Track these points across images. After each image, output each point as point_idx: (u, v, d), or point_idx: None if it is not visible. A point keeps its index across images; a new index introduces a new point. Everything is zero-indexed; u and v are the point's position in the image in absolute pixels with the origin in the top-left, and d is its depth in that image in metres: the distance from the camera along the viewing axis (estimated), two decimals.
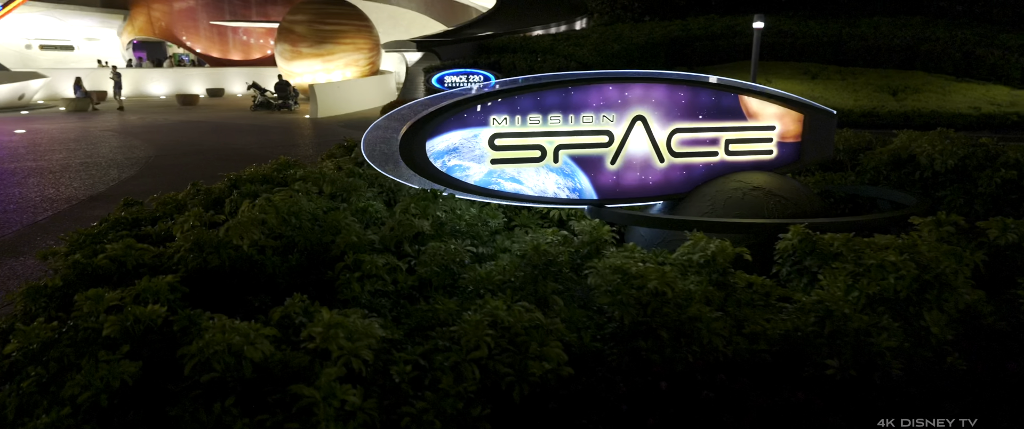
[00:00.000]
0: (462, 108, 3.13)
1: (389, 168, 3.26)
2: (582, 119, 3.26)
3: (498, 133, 3.21)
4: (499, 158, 3.25)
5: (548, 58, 19.86)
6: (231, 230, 2.69)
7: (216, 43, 36.15)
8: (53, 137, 15.15)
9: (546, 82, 3.20)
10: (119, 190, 8.85)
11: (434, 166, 3.19)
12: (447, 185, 3.22)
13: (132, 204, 4.13)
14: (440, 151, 3.18)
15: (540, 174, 3.30)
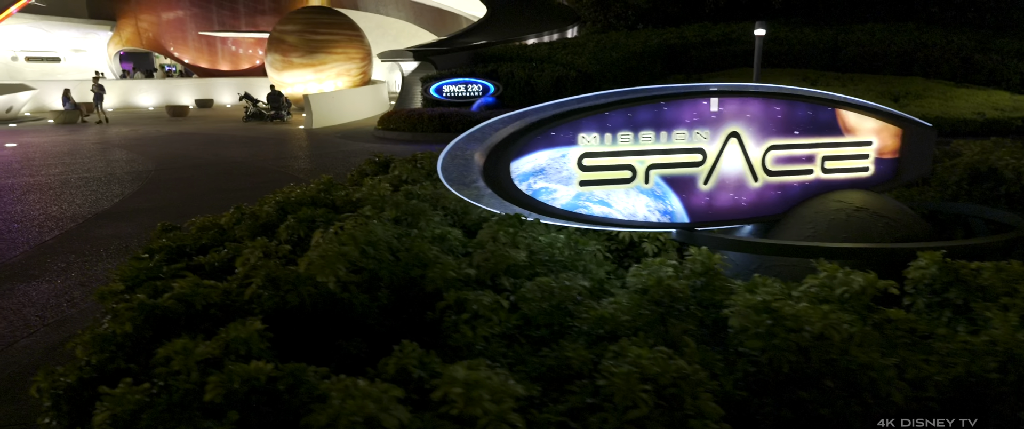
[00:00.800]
0: (550, 126, 2.89)
1: (468, 192, 3.01)
2: (674, 136, 3.03)
3: (587, 152, 2.97)
4: (588, 180, 3.01)
5: (546, 66, 19.71)
6: (313, 265, 2.42)
7: (205, 53, 35.64)
8: (46, 151, 14.67)
9: (637, 96, 2.97)
10: (125, 207, 8.49)
11: (519, 189, 2.94)
12: (532, 209, 2.97)
13: (170, 229, 3.84)
14: (525, 173, 2.93)
15: (630, 196, 3.06)
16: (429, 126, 17.35)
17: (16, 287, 5.41)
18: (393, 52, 22.43)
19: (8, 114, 22.90)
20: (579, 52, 21.08)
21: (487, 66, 20.44)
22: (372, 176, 5.51)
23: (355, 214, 3.07)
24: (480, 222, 3.40)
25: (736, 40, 23.56)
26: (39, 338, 4.43)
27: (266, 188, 9.74)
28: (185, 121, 24.09)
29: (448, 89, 19.53)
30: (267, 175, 11.14)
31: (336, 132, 19.33)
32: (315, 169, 11.71)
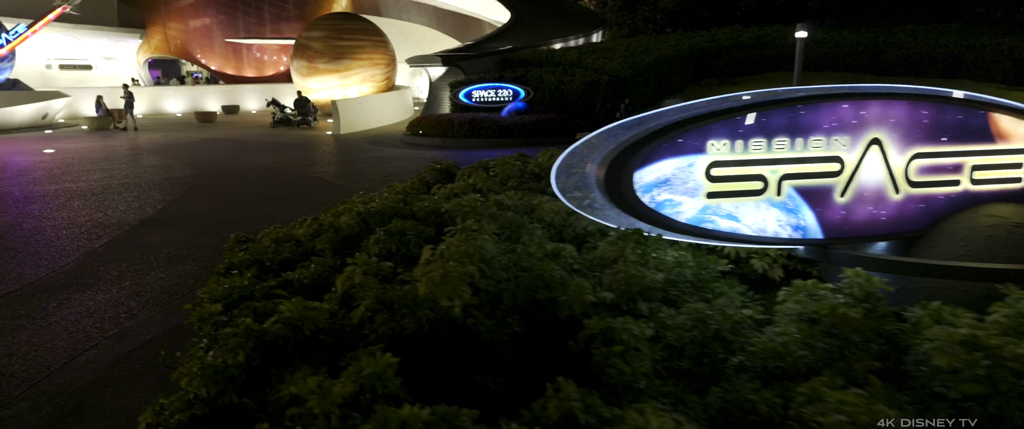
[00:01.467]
0: (677, 132, 2.62)
1: (582, 203, 2.74)
2: (811, 144, 2.75)
3: (717, 161, 2.70)
4: (716, 191, 2.73)
5: (577, 71, 19.43)
6: (435, 286, 2.17)
7: (231, 60, 35.91)
8: (83, 157, 14.70)
9: (772, 99, 2.69)
10: (168, 213, 8.36)
11: (642, 201, 2.67)
12: (654, 224, 2.70)
13: (244, 241, 3.63)
14: (648, 184, 2.66)
15: (760, 209, 2.78)
16: (460, 131, 17.17)
17: (72, 296, 5.25)
18: (421, 57, 22.32)
19: (44, 120, 23.15)
20: (609, 56, 20.77)
21: (516, 71, 20.21)
22: (440, 185, 5.29)
23: (460, 228, 2.82)
24: (583, 236, 3.14)
25: (770, 43, 23.11)
26: (101, 351, 4.24)
27: (306, 194, 9.58)
28: (214, 127, 24.18)
29: (478, 94, 19.33)
30: (304, 181, 10.99)
31: (364, 138, 19.23)
32: (350, 175, 11.54)
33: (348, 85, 27.52)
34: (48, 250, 6.65)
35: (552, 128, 17.39)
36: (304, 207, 8.66)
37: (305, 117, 23.72)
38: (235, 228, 7.40)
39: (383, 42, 28.53)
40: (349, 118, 21.36)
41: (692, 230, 2.75)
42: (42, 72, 30.62)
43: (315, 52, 27.20)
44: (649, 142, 2.62)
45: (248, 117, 29.99)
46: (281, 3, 35.57)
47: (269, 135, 20.54)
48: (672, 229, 2.73)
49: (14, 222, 7.96)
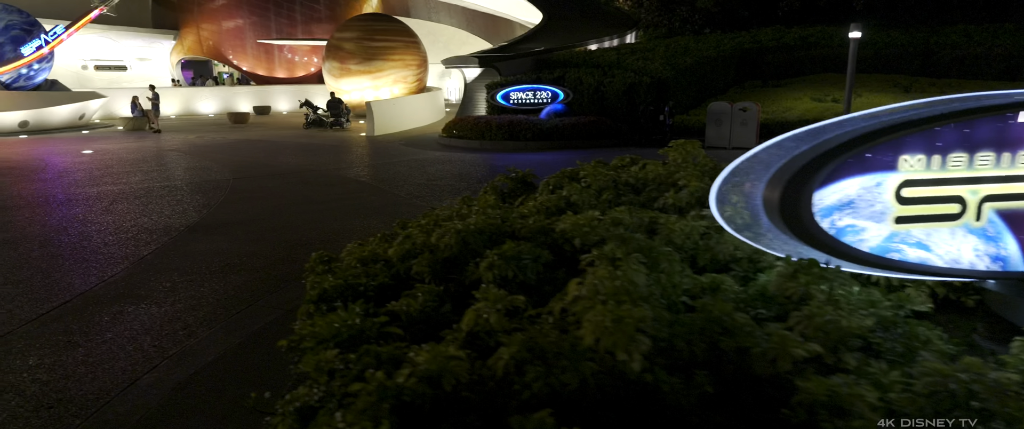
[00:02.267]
0: (866, 145, 2.19)
1: (739, 225, 2.32)
2: (1019, 159, 2.29)
3: (909, 180, 2.26)
4: (907, 215, 2.30)
5: (616, 73, 18.94)
6: (605, 335, 1.77)
7: (262, 61, 36.07)
8: (122, 158, 14.64)
9: (978, 106, 2.24)
10: (215, 219, 8.10)
11: (820, 227, 2.24)
12: (831, 253, 2.27)
13: (328, 260, 3.28)
14: (829, 207, 2.24)
15: (955, 237, 2.34)
16: (498, 134, 16.80)
17: (125, 310, 4.96)
18: (457, 58, 22.02)
19: (80, 121, 23.34)
20: (649, 57, 20.25)
21: (553, 72, 19.80)
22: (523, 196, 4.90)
23: (596, 256, 2.41)
24: (725, 263, 2.71)
25: (815, 44, 22.38)
26: (163, 373, 3.93)
27: (352, 199, 9.28)
28: (247, 128, 24.17)
29: (515, 96, 18.95)
30: (348, 185, 10.70)
31: (399, 139, 18.98)
32: (392, 179, 11.23)
33: (380, 86, 27.38)
34: (96, 257, 6.40)
35: (593, 131, 16.95)
36: (353, 213, 8.35)
37: (338, 118, 23.58)
38: (286, 235, 7.10)
39: (415, 43, 28.36)
40: (383, 119, 21.15)
41: (876, 261, 2.32)
42: (78, 73, 31.03)
43: (347, 53, 27.11)
44: (832, 157, 2.19)
45: (280, 118, 30.02)
46: (313, 4, 35.63)
47: (303, 136, 20.41)
48: (852, 259, 2.30)
49: (59, 226, 7.77)
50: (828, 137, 2.24)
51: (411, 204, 8.98)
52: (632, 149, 15.95)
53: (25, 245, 6.88)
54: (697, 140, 4.78)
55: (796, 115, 16.91)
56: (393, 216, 8.13)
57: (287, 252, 6.52)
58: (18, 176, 12.04)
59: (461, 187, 10.38)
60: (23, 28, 22.06)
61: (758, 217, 2.31)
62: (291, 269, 5.95)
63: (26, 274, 5.86)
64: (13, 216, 8.39)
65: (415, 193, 9.85)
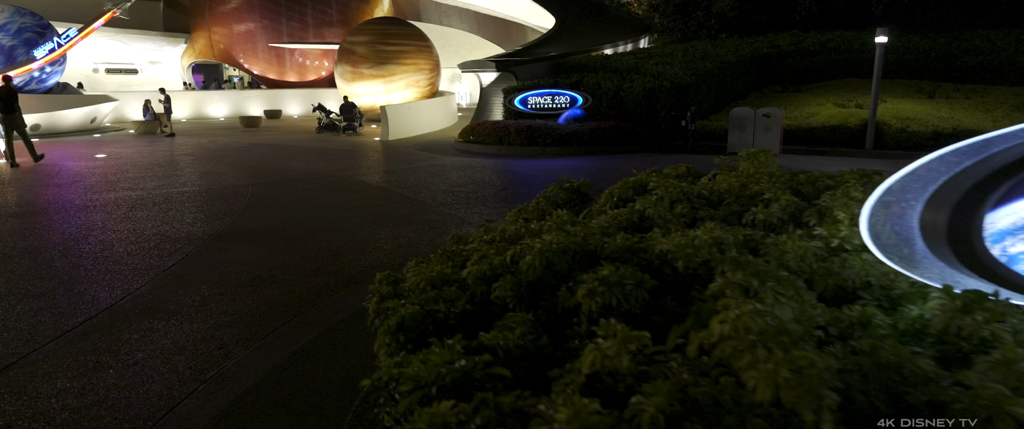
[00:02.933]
0: None
1: (889, 248, 2.02)
2: None
3: None
4: None
5: (635, 77, 18.66)
6: (784, 390, 1.46)
7: (273, 65, 35.94)
8: (136, 162, 14.42)
9: None
10: (239, 227, 7.82)
11: (991, 254, 1.93)
12: (1003, 284, 1.96)
13: (394, 282, 2.99)
14: (1001, 231, 1.93)
15: None
16: (516, 139, 16.52)
17: (155, 326, 4.67)
18: (474, 62, 21.77)
19: (92, 124, 23.19)
20: (668, 62, 19.96)
21: (570, 77, 19.53)
22: (565, 205, 4.61)
23: (725, 283, 2.11)
24: (851, 290, 2.40)
25: (834, 49, 22.04)
26: (202, 400, 3.63)
27: (378, 206, 9.00)
28: (259, 132, 23.97)
29: (533, 100, 18.69)
30: (370, 192, 10.43)
31: (414, 144, 18.73)
32: (415, 186, 10.95)
33: (392, 90, 27.19)
34: (119, 268, 6.13)
35: (613, 136, 16.66)
36: (381, 221, 8.06)
37: (351, 123, 23.36)
38: (314, 244, 6.82)
39: (428, 47, 28.17)
40: (398, 124, 20.91)
41: None
42: (89, 76, 30.95)
43: (360, 57, 26.94)
44: (1006, 176, 1.89)
45: (291, 122, 29.84)
46: (324, 8, 35.51)
47: (317, 141, 20.19)
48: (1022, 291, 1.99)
49: (79, 235, 7.51)
50: (995, 151, 1.94)
51: (439, 212, 8.69)
52: (654, 155, 15.65)
53: (45, 254, 6.63)
54: (769, 150, 4.48)
55: (820, 121, 16.58)
56: (422, 225, 7.84)
57: (318, 263, 6.24)
58: (33, 181, 11.82)
59: (487, 194, 10.09)
60: (36, 31, 21.95)
61: (911, 241, 2.00)
62: (325, 282, 5.66)
63: (48, 286, 5.59)
64: (31, 223, 8.14)
65: (441, 200, 9.56)
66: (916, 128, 15.22)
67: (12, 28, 21.43)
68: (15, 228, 7.84)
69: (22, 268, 6.13)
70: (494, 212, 8.63)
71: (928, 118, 15.95)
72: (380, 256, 6.47)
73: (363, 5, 36.84)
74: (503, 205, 9.11)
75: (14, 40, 21.37)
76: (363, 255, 6.52)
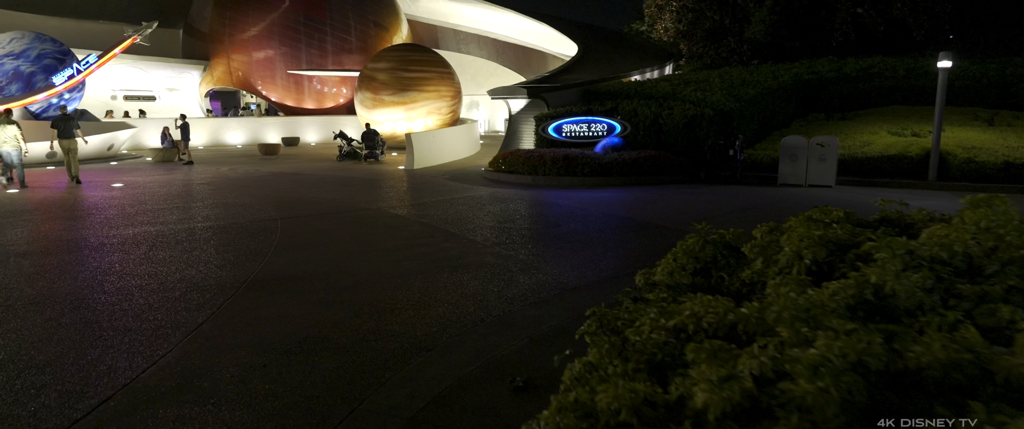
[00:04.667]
0: None
1: None
2: None
3: None
4: None
5: (674, 104, 17.80)
6: None
7: (291, 92, 35.50)
8: (154, 192, 13.60)
9: None
10: (274, 272, 6.87)
11: None
12: None
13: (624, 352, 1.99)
14: None
15: None
16: (552, 169, 15.61)
17: (189, 413, 3.67)
18: (503, 89, 21.03)
19: (109, 151, 22.56)
20: (706, 88, 19.11)
21: (604, 104, 18.72)
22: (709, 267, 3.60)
23: None
24: None
25: (878, 74, 21.14)
26: None
27: (425, 246, 8.03)
28: (278, 160, 23.24)
29: (569, 128, 17.83)
30: (411, 228, 9.49)
31: (440, 173, 17.88)
32: (456, 220, 10.01)
33: (413, 118, 26.53)
34: (140, 327, 5.17)
35: (653, 166, 15.71)
36: (434, 266, 7.08)
37: (373, 151, 22.59)
38: (365, 296, 5.85)
39: (449, 74, 27.58)
40: (422, 153, 20.11)
41: None
42: (108, 103, 30.55)
43: (381, 83, 26.34)
44: None
45: (310, 149, 29.17)
46: (343, 35, 35.17)
47: (339, 169, 19.38)
48: None
49: (94, 280, 6.58)
50: None
51: (495, 253, 7.71)
52: (700, 186, 14.67)
53: (54, 307, 5.69)
54: (1005, 196, 3.47)
55: (876, 150, 15.58)
56: (482, 270, 6.86)
57: (374, 321, 5.26)
58: (46, 213, 10.99)
59: (541, 231, 9.12)
60: (55, 57, 21.48)
61: None
62: (388, 348, 4.67)
63: (55, 352, 4.63)
64: (41, 265, 7.23)
65: (491, 238, 8.60)
66: (984, 158, 14.18)
67: (32, 54, 20.96)
68: (22, 271, 6.93)
69: (26, 326, 5.18)
70: (559, 254, 7.65)
71: (994, 147, 14.92)
72: (445, 311, 5.49)
73: (382, 32, 36.51)
74: (565, 245, 8.13)
75: (33, 66, 20.88)
76: (425, 310, 5.53)
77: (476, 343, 4.75)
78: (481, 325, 5.16)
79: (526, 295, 5.96)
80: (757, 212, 10.82)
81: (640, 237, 8.74)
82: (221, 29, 34.16)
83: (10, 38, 20.91)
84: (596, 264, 7.15)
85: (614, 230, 9.26)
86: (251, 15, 33.76)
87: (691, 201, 12.27)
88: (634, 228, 9.38)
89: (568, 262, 7.24)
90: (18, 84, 20.59)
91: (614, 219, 10.17)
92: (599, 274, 6.73)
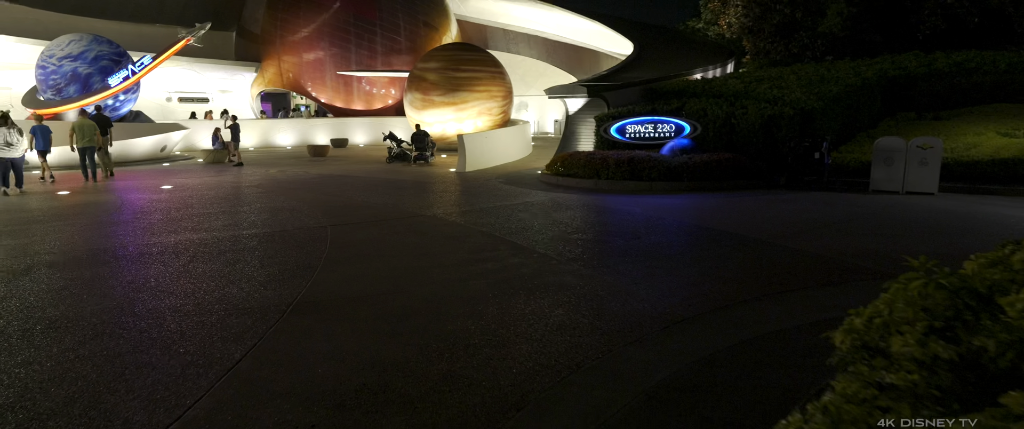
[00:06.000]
0: None
1: None
2: None
3: None
4: None
5: (748, 103, 16.37)
6: None
7: (341, 93, 35.25)
8: (202, 196, 13.06)
9: None
10: (323, 293, 5.99)
11: None
12: None
13: None
14: None
15: None
16: (616, 172, 14.44)
17: None
18: (562, 87, 19.96)
19: (162, 152, 22.50)
20: (783, 85, 17.60)
21: (670, 103, 17.41)
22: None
23: None
24: None
25: (974, 70, 19.16)
26: None
27: (488, 260, 7.00)
28: (328, 161, 22.74)
29: (633, 129, 16.62)
30: (472, 238, 8.51)
31: (494, 176, 16.92)
32: (519, 229, 8.98)
33: (463, 118, 25.70)
34: (168, 363, 4.32)
35: (727, 170, 14.35)
36: (505, 286, 6.06)
37: (423, 152, 21.84)
38: (431, 326, 4.86)
39: (500, 73, 26.65)
40: (475, 154, 19.21)
41: None
42: (162, 104, 30.85)
43: (430, 84, 25.61)
44: None
45: (358, 151, 28.70)
46: (393, 36, 34.73)
47: (389, 172, 18.66)
48: None
49: (124, 299, 5.81)
50: None
51: (574, 272, 6.64)
52: (782, 193, 13.26)
53: (75, 333, 4.91)
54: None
55: (985, 154, 13.84)
56: (563, 293, 5.80)
57: (446, 362, 4.27)
58: (90, 217, 10.49)
59: (618, 244, 8.00)
60: (112, 58, 21.50)
61: None
62: (468, 403, 3.66)
63: (65, 396, 3.80)
64: (70, 278, 6.54)
65: (565, 252, 7.54)
66: None
67: (89, 56, 21.01)
68: (50, 285, 6.24)
69: (39, 358, 4.39)
70: (650, 275, 6.53)
71: None
72: (530, 350, 4.45)
73: (432, 32, 35.94)
74: (652, 263, 7.00)
75: (90, 68, 20.92)
76: (506, 348, 4.52)
77: (578, 400, 3.70)
78: (578, 372, 4.11)
79: (623, 330, 4.88)
80: (861, 224, 9.44)
81: (737, 253, 7.53)
82: (273, 31, 34.17)
83: (69, 40, 21.02)
84: (698, 288, 6.00)
85: (704, 244, 8.07)
86: (302, 16, 33.66)
87: (778, 210, 10.94)
88: (727, 242, 8.16)
89: (663, 284, 6.11)
90: (76, 85, 20.65)
91: (698, 231, 8.97)
92: (705, 301, 5.59)
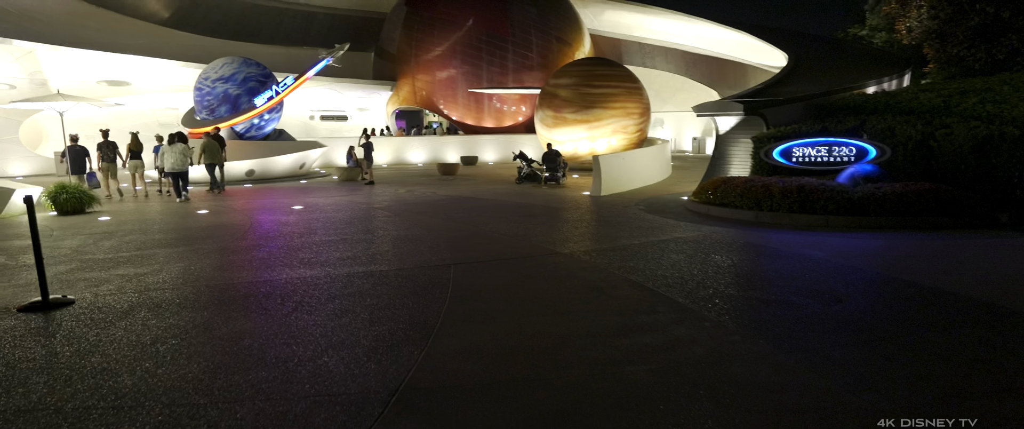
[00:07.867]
0: None
1: None
2: None
3: None
4: None
5: (951, 121, 13.31)
6: None
7: (471, 110, 35.17)
8: (329, 218, 12.62)
9: None
10: (440, 371, 4.69)
11: None
12: None
13: None
14: None
15: None
16: (782, 203, 12.14)
17: None
18: (713, 104, 17.84)
19: (301, 170, 23.16)
20: (998, 99, 14.26)
21: (845, 121, 14.74)
22: None
23: None
24: None
25: None
26: None
27: (647, 331, 5.28)
28: (456, 181, 22.17)
29: (800, 152, 14.17)
30: (621, 292, 6.90)
31: (632, 201, 15.18)
32: (681, 281, 7.22)
33: (596, 137, 24.15)
34: None
35: (929, 203, 11.47)
36: (677, 378, 4.36)
37: (554, 173, 20.55)
38: None
39: (637, 89, 24.81)
40: (610, 177, 17.58)
41: None
42: (305, 122, 32.37)
43: (563, 100, 24.35)
44: None
45: (487, 169, 28.11)
46: (525, 53, 34.11)
47: (518, 194, 17.54)
48: None
49: (212, 361, 4.88)
50: None
51: (769, 359, 4.81)
52: (1003, 235, 10.26)
53: (144, 409, 3.96)
54: None
55: None
56: (760, 397, 4.01)
57: None
58: (213, 243, 10.20)
59: (812, 309, 5.99)
60: (259, 79, 22.48)
61: None
62: None
63: None
64: (156, 332, 5.77)
65: (747, 321, 5.70)
66: None
67: (239, 78, 22.08)
68: (137, 338, 5.50)
69: None
70: (887, 373, 4.55)
71: None
72: None
73: (564, 48, 34.90)
74: (874, 349, 4.99)
75: (239, 89, 21.97)
76: None
77: None
78: None
79: None
80: None
81: (1002, 338, 5.26)
82: (408, 50, 34.87)
83: (222, 63, 22.24)
84: (971, 403, 3.96)
85: (944, 317, 5.83)
86: (437, 35, 34.02)
87: (1007, 254, 8.26)
88: (976, 315, 5.86)
89: (908, 393, 4.13)
90: (226, 106, 21.74)
91: (923, 293, 6.68)
92: (987, 423, 3.57)
